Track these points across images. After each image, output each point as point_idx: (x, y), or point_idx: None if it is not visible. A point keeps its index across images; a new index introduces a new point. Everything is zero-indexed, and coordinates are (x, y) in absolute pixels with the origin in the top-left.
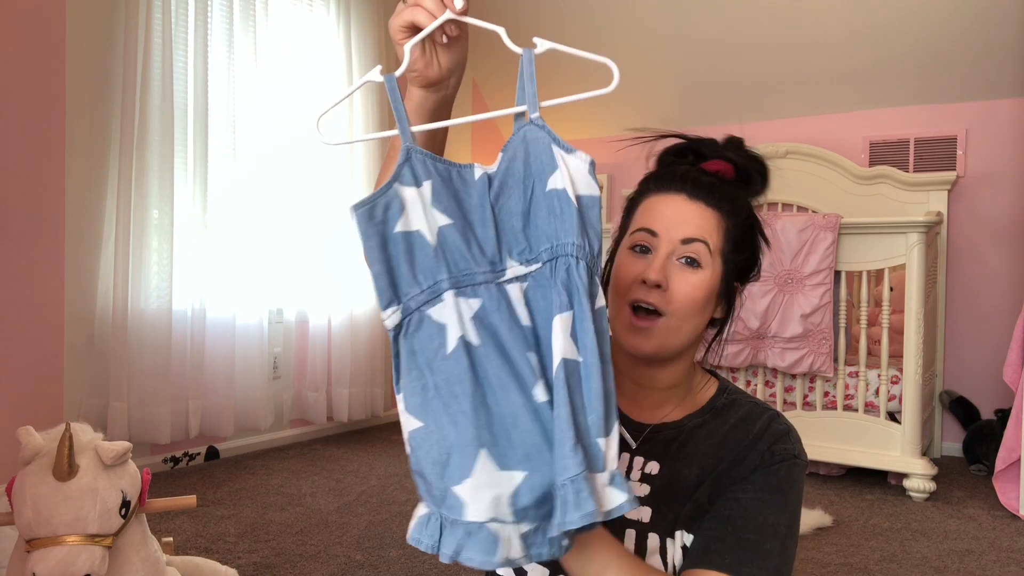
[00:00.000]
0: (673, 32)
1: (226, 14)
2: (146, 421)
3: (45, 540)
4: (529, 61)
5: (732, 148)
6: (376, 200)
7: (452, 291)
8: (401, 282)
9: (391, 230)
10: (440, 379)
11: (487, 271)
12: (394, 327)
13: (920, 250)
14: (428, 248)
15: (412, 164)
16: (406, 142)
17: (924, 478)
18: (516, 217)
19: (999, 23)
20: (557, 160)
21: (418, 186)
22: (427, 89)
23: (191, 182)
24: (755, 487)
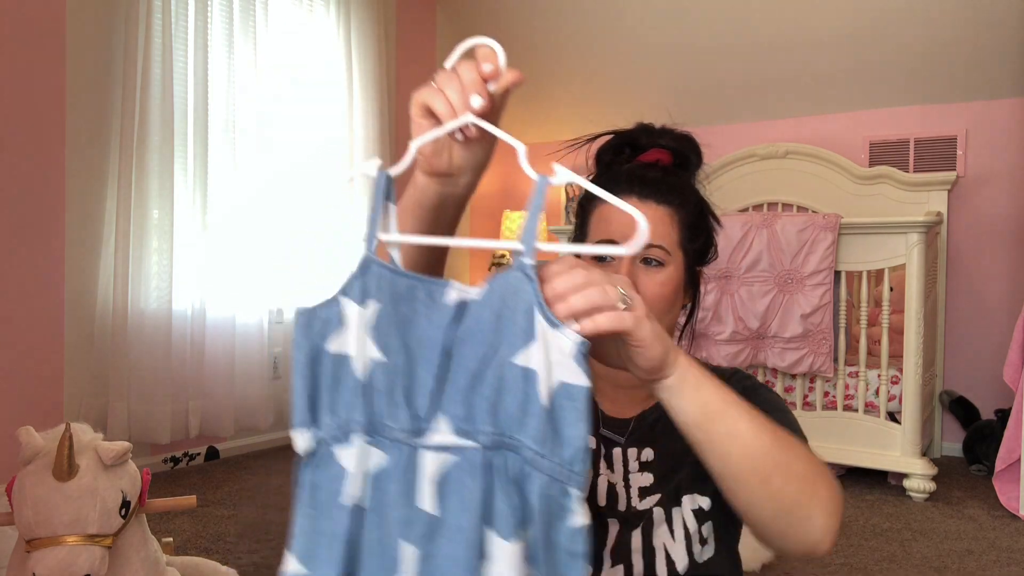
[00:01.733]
0: (672, 32)
1: (226, 14)
2: (146, 421)
3: (45, 540)
4: (541, 191)
5: (663, 134)
6: (317, 311)
7: (363, 437)
8: (320, 406)
9: (323, 346)
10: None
11: (405, 428)
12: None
13: (920, 250)
14: (354, 379)
15: (365, 278)
16: (369, 250)
17: (924, 478)
18: (464, 374)
19: (999, 23)
20: (535, 330)
21: (362, 305)
22: (432, 178)
23: (191, 182)
24: None
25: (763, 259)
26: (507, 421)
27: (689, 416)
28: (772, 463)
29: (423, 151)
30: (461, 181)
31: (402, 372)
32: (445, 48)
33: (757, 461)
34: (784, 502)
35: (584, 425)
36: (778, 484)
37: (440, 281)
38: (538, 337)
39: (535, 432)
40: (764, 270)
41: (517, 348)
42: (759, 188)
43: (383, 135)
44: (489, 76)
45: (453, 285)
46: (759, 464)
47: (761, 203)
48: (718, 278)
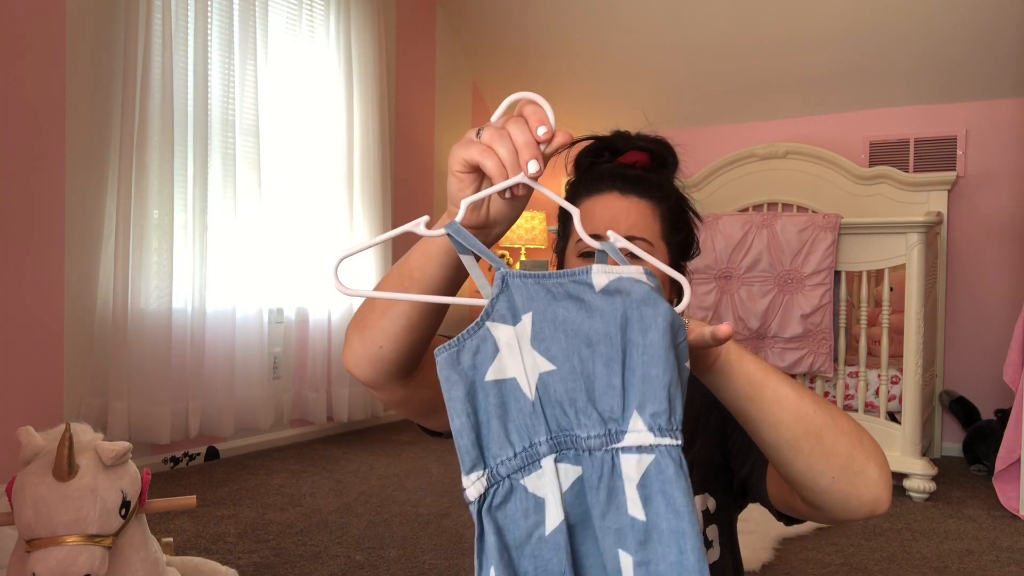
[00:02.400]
0: (672, 32)
1: (226, 14)
2: (146, 421)
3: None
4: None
5: (639, 139)
6: (463, 342)
7: (552, 456)
8: (490, 441)
9: (480, 378)
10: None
11: (597, 434)
12: (477, 498)
13: (920, 250)
14: (525, 401)
15: (510, 294)
16: (500, 270)
17: (924, 478)
18: (655, 363)
19: (999, 23)
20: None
21: (515, 323)
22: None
23: (191, 182)
24: None
25: (763, 259)
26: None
27: (740, 390)
28: (821, 420)
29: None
30: (493, 232)
31: (580, 375)
32: (445, 48)
33: (807, 421)
34: (839, 458)
35: None
36: (830, 440)
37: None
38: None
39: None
40: (764, 270)
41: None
42: (759, 188)
43: (383, 134)
44: (543, 140)
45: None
46: (809, 424)
47: (761, 203)
48: (718, 278)
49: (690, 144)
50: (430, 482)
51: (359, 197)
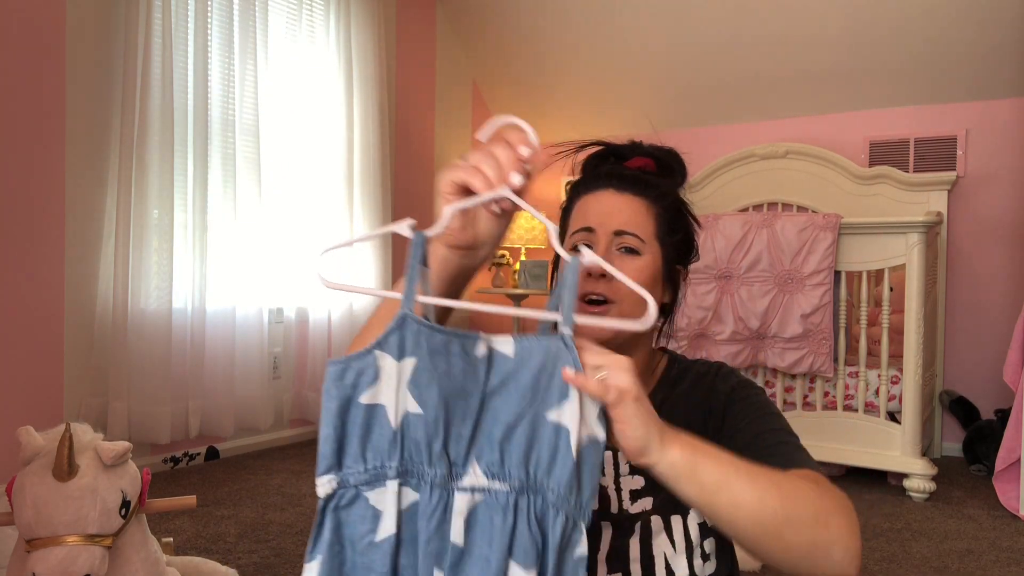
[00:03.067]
0: (672, 32)
1: (226, 14)
2: (146, 421)
3: (45, 540)
4: (574, 271)
5: (649, 146)
6: (351, 362)
7: (397, 480)
8: (347, 453)
9: (356, 397)
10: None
11: (441, 474)
12: (326, 495)
13: (920, 250)
14: (388, 429)
15: (403, 334)
16: (406, 307)
17: (924, 478)
18: (499, 426)
19: (999, 23)
20: (571, 391)
21: (399, 360)
22: (454, 251)
23: (191, 182)
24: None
25: (763, 259)
26: (537, 469)
27: (690, 498)
28: (781, 519)
29: (451, 226)
30: (480, 254)
31: (441, 424)
32: (445, 48)
33: (766, 523)
34: (801, 550)
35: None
36: (790, 536)
37: (471, 334)
38: (572, 397)
39: (561, 478)
40: (764, 270)
41: (551, 405)
42: (759, 188)
43: (383, 134)
44: (526, 160)
45: (482, 338)
46: (769, 523)
47: (761, 203)
48: (718, 278)
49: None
50: None
51: (359, 197)
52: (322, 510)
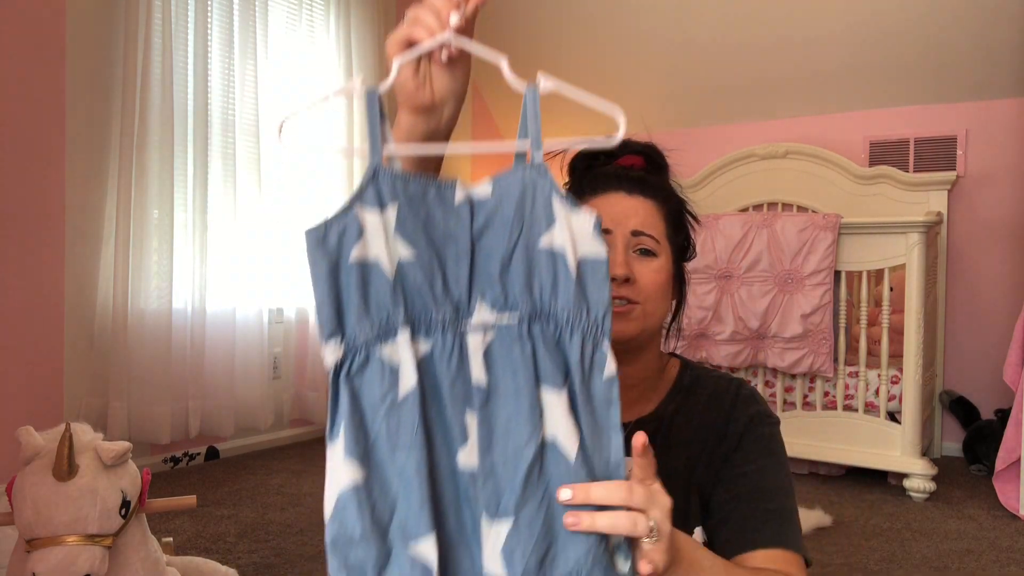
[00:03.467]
0: (671, 32)
1: (226, 14)
2: (146, 421)
3: (45, 540)
4: (534, 99)
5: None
6: (330, 224)
7: (407, 329)
8: (349, 314)
9: (344, 258)
10: (385, 427)
11: (449, 314)
12: (335, 364)
13: (920, 250)
14: (385, 281)
15: (378, 184)
16: (375, 160)
17: (924, 478)
18: (495, 261)
19: (999, 23)
20: (556, 215)
21: (381, 209)
22: (417, 115)
23: (191, 182)
24: (752, 456)
25: (763, 259)
26: (541, 295)
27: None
28: None
29: (406, 88)
30: (444, 113)
31: (436, 265)
32: None
33: None
34: None
35: (607, 289)
36: None
37: (446, 181)
38: (558, 219)
39: (567, 298)
40: (764, 270)
41: (541, 232)
42: (759, 188)
43: None
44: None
45: (458, 183)
46: None
47: (761, 203)
48: (718, 278)
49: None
50: None
51: None
52: (334, 381)
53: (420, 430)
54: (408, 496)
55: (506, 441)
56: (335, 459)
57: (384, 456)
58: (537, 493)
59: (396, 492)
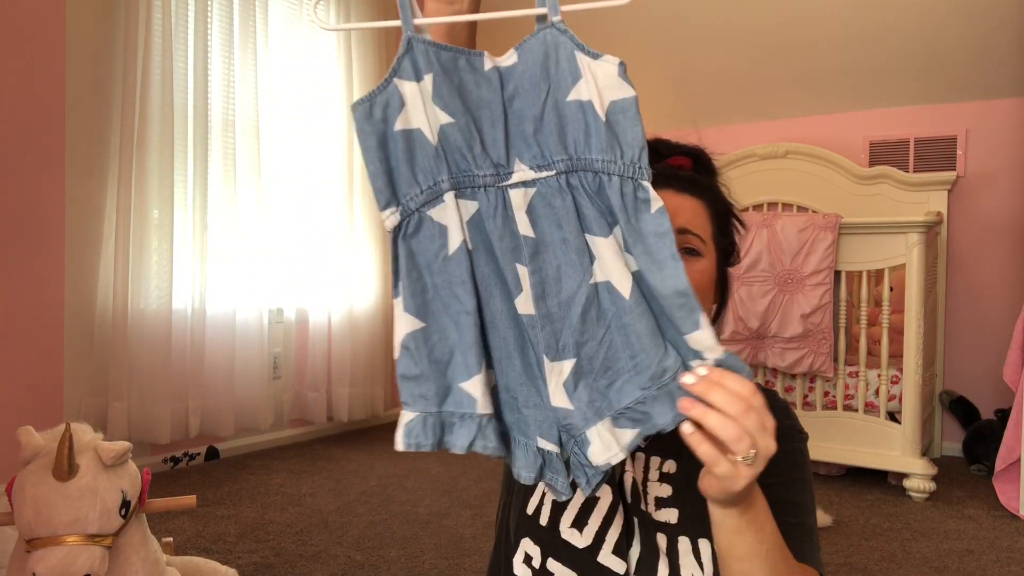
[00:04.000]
0: (670, 32)
1: (226, 14)
2: (146, 421)
3: (45, 540)
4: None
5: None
6: (375, 98)
7: (452, 192)
8: (400, 182)
9: (391, 128)
10: (440, 280)
11: (490, 174)
12: (393, 228)
13: (920, 250)
14: (428, 147)
15: (413, 55)
16: (407, 31)
17: (924, 478)
18: (528, 122)
19: (999, 23)
20: (581, 68)
21: (419, 80)
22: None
23: (191, 182)
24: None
25: (763, 259)
26: (575, 147)
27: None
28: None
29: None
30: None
31: (473, 128)
32: None
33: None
34: None
35: (640, 128)
36: None
37: (474, 51)
38: (583, 73)
39: (600, 145)
40: (764, 270)
41: (568, 88)
42: (759, 188)
43: None
44: None
45: (485, 54)
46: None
47: (761, 203)
48: None
49: None
50: (430, 482)
51: (359, 196)
52: (394, 242)
53: (470, 281)
54: (462, 340)
55: (559, 287)
56: (398, 312)
57: (440, 306)
58: (597, 332)
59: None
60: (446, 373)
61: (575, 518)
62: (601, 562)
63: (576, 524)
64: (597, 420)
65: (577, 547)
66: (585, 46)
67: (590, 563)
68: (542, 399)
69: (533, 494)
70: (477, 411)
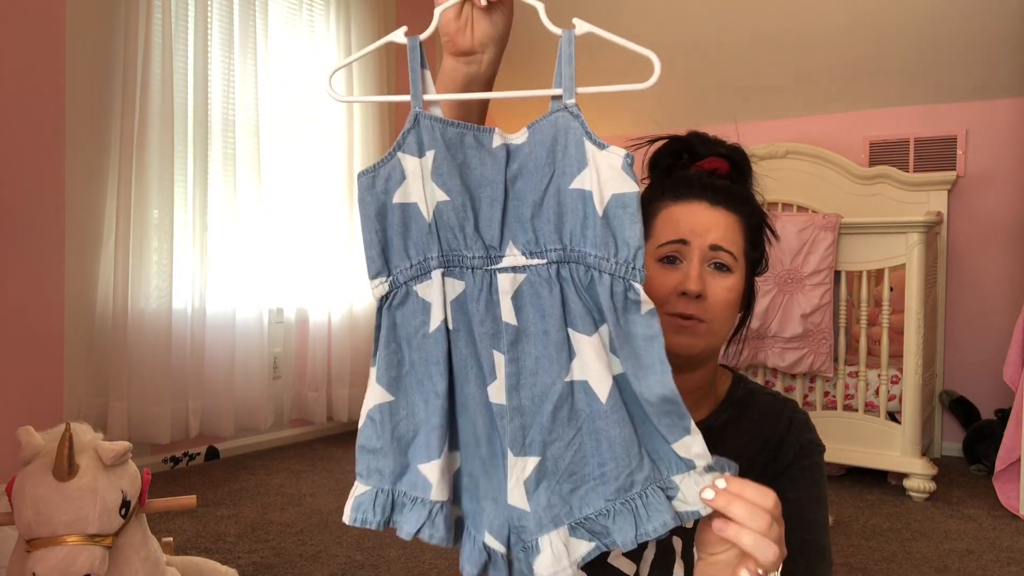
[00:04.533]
0: (671, 32)
1: (226, 14)
2: (146, 421)
3: (45, 540)
4: (568, 42)
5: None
6: (379, 169)
7: (440, 270)
8: (392, 254)
9: (390, 200)
10: (418, 356)
11: (480, 255)
12: (381, 297)
13: (920, 250)
14: (423, 222)
15: (419, 131)
16: (416, 107)
17: (924, 478)
18: (526, 205)
19: (999, 23)
20: (588, 157)
21: (420, 156)
22: (458, 58)
23: (191, 182)
24: (798, 484)
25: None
26: (570, 237)
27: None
28: None
29: (447, 31)
30: (485, 58)
31: (469, 208)
32: None
33: None
34: None
35: (638, 226)
36: None
37: (484, 127)
38: (589, 162)
39: (595, 240)
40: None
41: (572, 175)
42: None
43: (383, 135)
44: None
45: (496, 131)
46: None
47: (761, 203)
48: None
49: None
50: None
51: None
52: (379, 312)
53: (444, 362)
54: (428, 421)
55: (534, 380)
56: (371, 382)
57: (413, 382)
58: (567, 433)
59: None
60: (407, 452)
61: None
62: (611, 563)
63: None
64: (552, 527)
65: None
66: (593, 134)
67: (599, 564)
68: (500, 493)
69: None
70: (431, 497)
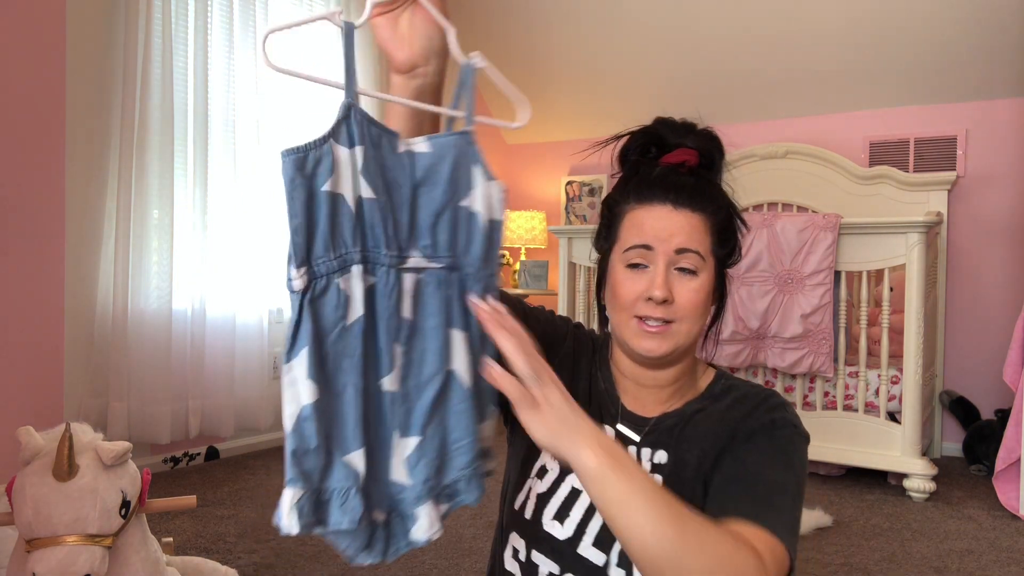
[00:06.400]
0: (672, 32)
1: (226, 14)
2: (146, 421)
3: (45, 540)
4: (470, 73)
5: (686, 132)
6: (308, 151)
7: (360, 265)
8: (317, 244)
9: (319, 187)
10: (337, 350)
11: (393, 254)
12: (300, 289)
13: (920, 250)
14: (349, 215)
15: (350, 123)
16: (347, 98)
17: (924, 478)
18: (428, 214)
19: (999, 23)
20: (475, 182)
21: (351, 148)
22: (404, 76)
23: (191, 182)
24: (759, 448)
25: (763, 259)
26: (458, 250)
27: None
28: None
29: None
30: (429, 70)
31: (388, 209)
32: None
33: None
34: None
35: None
36: None
37: (391, 131)
38: (477, 186)
39: (476, 257)
40: (764, 270)
41: (464, 195)
42: (759, 188)
43: None
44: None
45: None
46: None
47: (761, 203)
48: None
49: None
50: None
51: None
52: (300, 305)
53: (362, 355)
54: (347, 413)
55: (420, 370)
56: (297, 377)
57: (332, 376)
58: (439, 415)
59: (335, 409)
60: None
61: (558, 510)
62: (581, 553)
63: (558, 516)
64: (428, 499)
65: (558, 538)
66: (484, 163)
67: (570, 555)
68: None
69: (521, 490)
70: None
